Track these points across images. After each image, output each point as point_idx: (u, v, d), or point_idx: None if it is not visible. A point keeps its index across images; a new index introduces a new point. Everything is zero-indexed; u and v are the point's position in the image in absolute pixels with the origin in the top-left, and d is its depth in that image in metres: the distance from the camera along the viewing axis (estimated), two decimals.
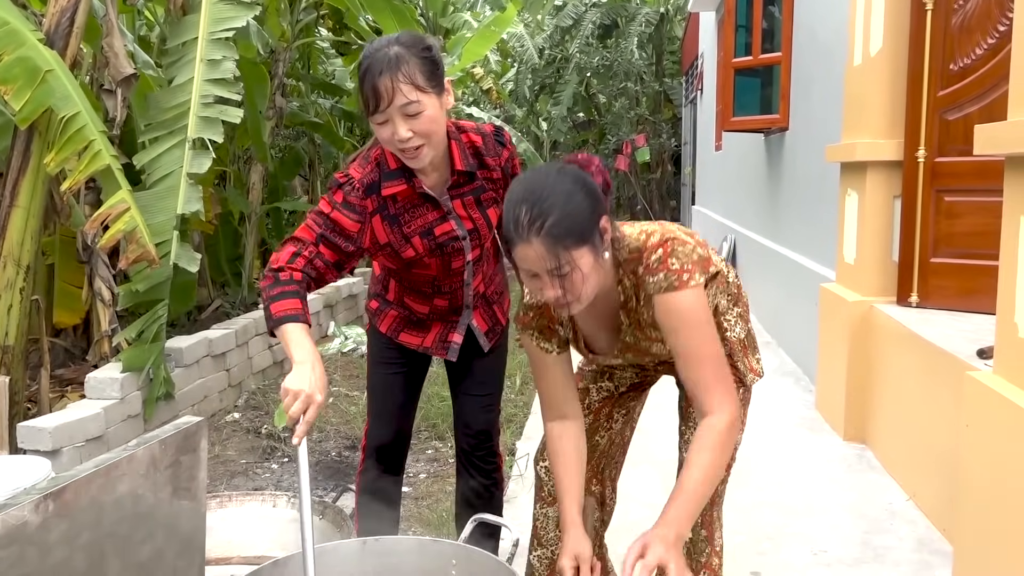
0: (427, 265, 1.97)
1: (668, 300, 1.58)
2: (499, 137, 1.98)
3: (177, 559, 1.37)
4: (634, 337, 1.72)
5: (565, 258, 1.46)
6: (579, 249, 1.47)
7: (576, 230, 1.47)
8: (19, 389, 3.55)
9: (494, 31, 7.89)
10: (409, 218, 1.91)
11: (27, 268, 3.52)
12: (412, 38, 1.76)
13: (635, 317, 1.68)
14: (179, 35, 4.21)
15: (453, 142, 1.89)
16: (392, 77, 1.69)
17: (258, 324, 4.88)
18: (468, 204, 1.95)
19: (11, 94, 3.30)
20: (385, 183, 1.86)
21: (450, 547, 1.72)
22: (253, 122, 5.72)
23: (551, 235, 1.45)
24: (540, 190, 1.48)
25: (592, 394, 1.99)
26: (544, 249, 1.46)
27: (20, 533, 1.00)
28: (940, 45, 3.30)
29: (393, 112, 1.71)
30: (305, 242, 1.81)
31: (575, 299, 1.52)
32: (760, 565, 2.65)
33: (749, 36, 6.19)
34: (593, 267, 1.50)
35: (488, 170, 1.95)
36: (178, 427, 1.35)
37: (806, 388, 4.64)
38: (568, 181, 1.51)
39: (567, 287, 1.49)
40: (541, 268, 1.48)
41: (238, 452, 3.82)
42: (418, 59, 1.72)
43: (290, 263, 1.78)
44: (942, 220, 3.34)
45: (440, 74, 1.77)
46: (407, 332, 2.13)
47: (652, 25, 14.57)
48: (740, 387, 1.85)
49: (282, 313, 1.70)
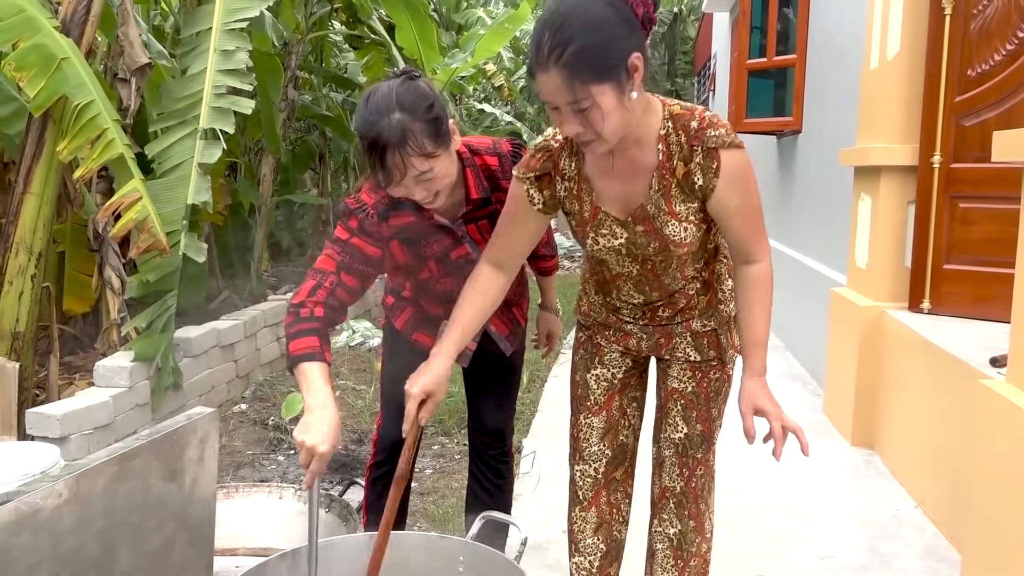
0: (444, 282, 1.96)
1: (735, 158, 1.54)
2: (517, 158, 1.86)
3: (187, 549, 1.37)
4: (656, 207, 1.62)
5: (583, 92, 1.37)
6: (599, 85, 1.38)
7: (597, 64, 1.37)
8: (28, 375, 3.56)
9: (508, 28, 7.86)
10: (426, 243, 1.88)
11: (39, 255, 3.53)
12: (413, 99, 1.66)
13: (669, 181, 1.59)
14: (193, 25, 4.22)
15: (468, 169, 1.83)
16: (401, 153, 1.62)
17: (266, 315, 4.89)
18: (483, 228, 1.91)
19: (26, 81, 3.31)
20: (395, 213, 1.81)
21: (458, 544, 1.72)
22: (266, 114, 5.72)
23: (568, 66, 1.36)
24: (567, 14, 1.38)
25: (592, 386, 1.92)
26: (560, 80, 1.37)
27: (33, 520, 1.00)
28: (958, 50, 3.27)
29: (406, 182, 1.67)
30: (325, 272, 1.75)
31: (597, 136, 1.44)
32: (766, 568, 2.64)
33: (764, 38, 6.16)
34: (616, 106, 1.41)
35: (503, 192, 1.87)
36: (190, 417, 1.35)
37: (814, 392, 4.62)
38: (600, 7, 1.39)
39: (587, 123, 1.41)
40: (560, 100, 1.40)
41: (245, 443, 3.83)
42: (423, 123, 1.64)
43: (311, 296, 1.72)
44: (956, 226, 3.31)
45: (445, 126, 1.70)
46: (421, 332, 2.12)
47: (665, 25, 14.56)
48: (720, 367, 1.84)
49: (299, 351, 1.65)
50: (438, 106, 1.69)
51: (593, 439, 1.93)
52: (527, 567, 1.63)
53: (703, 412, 1.85)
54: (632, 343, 1.89)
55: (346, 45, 8.17)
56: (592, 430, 1.93)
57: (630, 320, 1.87)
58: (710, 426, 1.86)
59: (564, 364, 5.17)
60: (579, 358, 1.98)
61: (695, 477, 1.87)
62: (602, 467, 1.93)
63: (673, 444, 1.88)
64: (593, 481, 1.93)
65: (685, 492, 1.87)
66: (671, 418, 1.88)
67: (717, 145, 1.53)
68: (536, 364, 5.08)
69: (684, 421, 1.86)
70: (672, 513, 1.89)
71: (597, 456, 1.93)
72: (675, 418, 1.87)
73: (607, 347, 1.92)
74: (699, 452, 1.86)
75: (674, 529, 1.89)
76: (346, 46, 8.17)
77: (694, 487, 1.87)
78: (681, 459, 1.87)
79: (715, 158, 1.54)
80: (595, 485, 1.94)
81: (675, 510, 1.89)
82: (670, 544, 1.90)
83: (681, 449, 1.87)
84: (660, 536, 1.92)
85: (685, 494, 1.87)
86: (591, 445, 1.93)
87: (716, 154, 1.54)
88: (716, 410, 1.87)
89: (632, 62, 1.41)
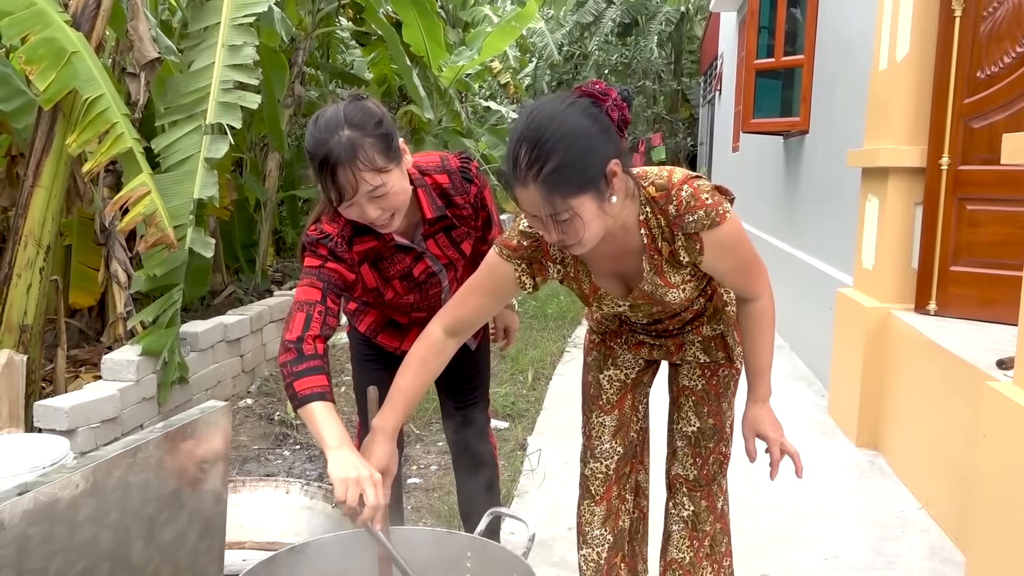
0: (407, 297, 1.98)
1: (717, 235, 1.53)
2: (465, 174, 1.91)
3: (198, 541, 1.38)
4: (652, 285, 1.64)
5: (563, 206, 1.36)
6: (579, 197, 1.37)
7: (577, 178, 1.36)
8: (36, 368, 3.57)
9: (515, 26, 7.87)
10: (389, 264, 1.89)
11: (47, 248, 3.54)
12: (361, 115, 1.67)
13: (658, 260, 1.60)
14: (201, 20, 4.22)
15: (420, 190, 1.83)
16: (351, 168, 1.62)
17: (272, 311, 4.90)
18: (442, 243, 1.93)
19: (36, 74, 3.31)
20: (357, 239, 1.81)
21: (466, 539, 1.72)
22: (270, 110, 5.73)
23: (548, 182, 1.34)
24: (544, 128, 1.35)
25: (605, 386, 1.97)
26: (540, 196, 1.36)
27: (51, 510, 1.01)
28: (968, 52, 3.27)
29: (359, 199, 1.66)
30: (312, 302, 1.72)
31: (577, 243, 1.43)
32: (770, 567, 2.65)
33: (771, 38, 6.15)
34: (596, 214, 1.40)
35: (458, 208, 1.90)
36: (203, 411, 1.36)
37: (819, 393, 4.62)
38: (576, 118, 1.38)
39: (566, 232, 1.41)
40: (539, 213, 1.40)
41: (251, 438, 3.84)
42: (372, 139, 1.65)
43: (307, 330, 1.67)
44: (964, 228, 3.31)
45: (395, 142, 1.70)
46: (385, 334, 2.13)
47: (672, 24, 14.56)
48: (728, 364, 1.89)
49: (307, 391, 1.60)
50: (387, 122, 1.70)
51: (605, 437, 1.98)
52: (531, 564, 1.64)
53: (714, 407, 1.92)
54: (644, 351, 1.95)
55: (353, 42, 8.17)
56: (604, 428, 1.98)
57: (641, 332, 1.92)
58: (721, 419, 1.93)
59: (569, 363, 5.19)
60: (592, 359, 2.01)
61: (707, 465, 1.95)
62: (613, 464, 1.99)
63: (686, 437, 1.95)
64: (604, 478, 1.99)
65: (698, 479, 1.96)
66: (683, 412, 1.95)
67: (697, 230, 1.53)
68: (540, 362, 5.09)
69: (696, 416, 1.93)
70: (685, 496, 1.98)
71: (609, 454, 1.98)
72: (687, 413, 1.94)
73: (620, 350, 1.97)
74: (711, 443, 1.94)
75: (687, 511, 1.98)
76: (353, 43, 8.18)
77: (707, 473, 1.95)
78: (694, 450, 1.95)
79: (697, 240, 1.55)
80: (606, 481, 1.99)
81: (688, 493, 1.98)
82: (685, 525, 1.99)
83: (694, 441, 1.95)
84: (675, 518, 2.01)
85: (698, 480, 1.96)
86: (603, 443, 1.98)
87: (697, 237, 1.54)
88: (726, 403, 1.93)
89: (611, 169, 1.40)
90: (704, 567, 1.98)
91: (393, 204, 1.70)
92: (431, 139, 7.37)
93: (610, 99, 1.42)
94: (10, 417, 3.06)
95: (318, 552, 1.66)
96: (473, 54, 7.92)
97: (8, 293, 3.48)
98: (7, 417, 3.06)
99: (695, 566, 1.98)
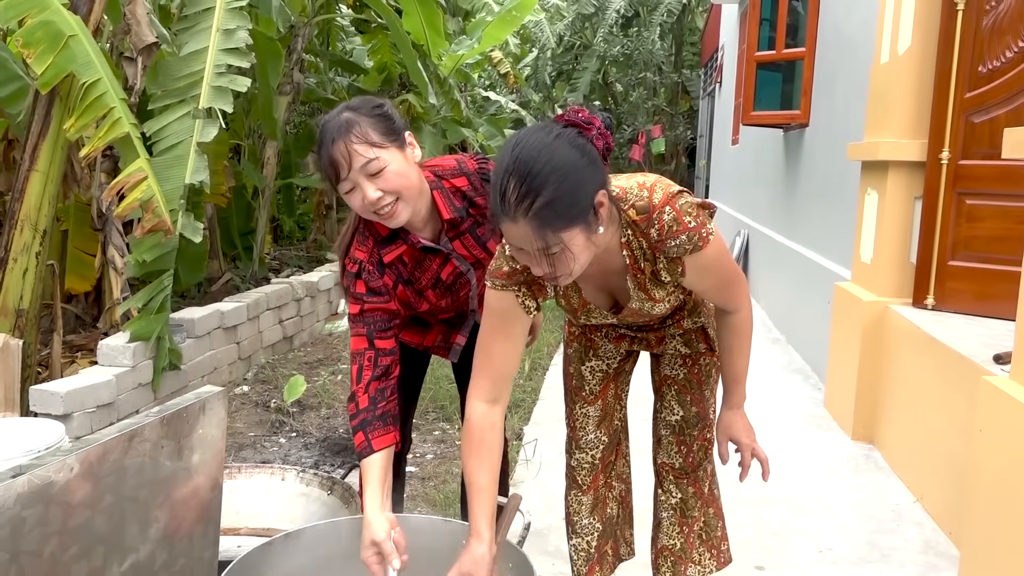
0: (440, 303, 1.98)
1: (699, 259, 1.53)
2: (484, 174, 1.90)
3: (194, 527, 1.37)
4: (639, 302, 1.65)
5: (553, 240, 1.35)
6: (570, 231, 1.35)
7: (568, 212, 1.34)
8: (31, 353, 3.57)
9: (515, 16, 7.83)
10: (419, 275, 1.89)
11: (43, 233, 3.53)
12: (362, 100, 1.73)
13: (641, 279, 1.60)
14: (196, 3, 4.18)
15: (435, 192, 1.84)
16: (345, 141, 1.64)
17: (269, 298, 4.89)
18: (468, 244, 1.92)
19: (34, 58, 3.29)
20: (384, 250, 1.82)
21: (461, 527, 1.72)
22: (264, 98, 5.70)
23: (540, 217, 1.32)
24: (531, 162, 1.33)
25: (587, 377, 1.98)
26: (531, 231, 1.34)
27: (46, 493, 1.00)
28: (969, 46, 3.26)
29: (356, 176, 1.66)
30: (360, 352, 1.80)
31: (566, 275, 1.42)
32: (765, 560, 2.65)
33: (773, 30, 6.13)
34: (585, 245, 1.39)
35: (479, 208, 1.89)
36: (199, 396, 1.35)
37: (815, 386, 4.63)
38: (564, 150, 1.35)
39: (556, 265, 1.39)
40: (528, 247, 1.38)
41: (246, 425, 3.84)
42: (369, 118, 1.68)
43: (359, 382, 1.79)
44: (963, 223, 3.31)
45: (397, 128, 1.71)
46: (408, 331, 2.12)
47: (674, 16, 14.50)
48: (709, 353, 1.92)
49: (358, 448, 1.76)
50: (389, 109, 1.73)
51: (589, 427, 1.99)
52: (527, 552, 1.64)
53: (696, 395, 1.94)
54: (625, 344, 1.96)
55: (352, 29, 8.13)
56: (588, 419, 1.99)
57: (623, 327, 1.93)
58: (704, 407, 1.95)
59: None
60: (573, 351, 2.01)
61: (692, 453, 1.97)
62: (599, 453, 2.00)
63: (670, 426, 1.97)
64: (591, 467, 2.00)
65: (684, 466, 1.97)
66: (666, 401, 1.97)
67: (679, 255, 1.53)
68: (537, 352, 5.09)
69: (679, 404, 1.95)
70: (672, 484, 2.00)
71: (594, 444, 2.00)
72: (670, 402, 1.96)
73: (601, 342, 1.97)
74: (695, 430, 1.96)
75: (675, 499, 2.00)
76: (353, 30, 8.14)
77: (692, 461, 1.97)
78: (679, 438, 1.97)
79: (679, 264, 1.55)
80: (592, 470, 2.00)
81: (675, 481, 1.99)
82: (674, 512, 2.00)
83: (678, 429, 1.96)
84: (664, 506, 2.02)
85: (684, 468, 1.98)
86: (588, 433, 2.00)
87: (679, 261, 1.55)
88: (708, 391, 1.95)
89: (599, 200, 1.39)
90: (701, 553, 1.99)
91: (393, 185, 1.68)
92: (430, 128, 7.33)
93: (594, 128, 1.41)
94: (6, 401, 3.05)
95: (313, 539, 1.66)
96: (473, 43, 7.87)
97: (4, 278, 3.47)
98: (3, 401, 3.05)
99: (686, 552, 1.99)
